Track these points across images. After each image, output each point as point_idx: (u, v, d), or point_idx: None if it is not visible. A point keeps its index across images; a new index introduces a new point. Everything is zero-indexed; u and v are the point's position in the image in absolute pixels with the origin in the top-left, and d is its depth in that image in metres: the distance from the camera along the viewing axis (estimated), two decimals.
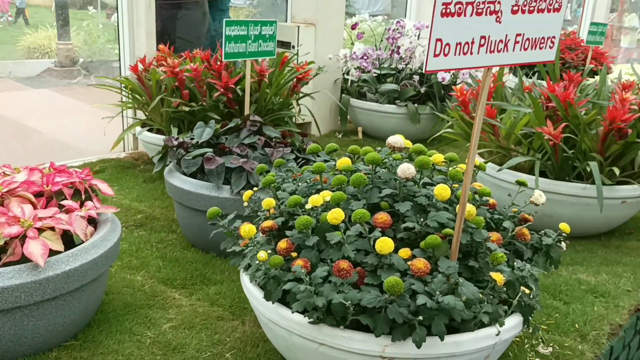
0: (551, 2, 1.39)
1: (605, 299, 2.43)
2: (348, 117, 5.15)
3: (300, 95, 4.00)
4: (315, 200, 1.76)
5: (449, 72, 4.47)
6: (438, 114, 4.20)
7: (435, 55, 1.34)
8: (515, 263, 1.77)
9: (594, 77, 5.40)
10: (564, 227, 1.95)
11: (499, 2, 1.34)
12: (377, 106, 4.71)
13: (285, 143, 2.87)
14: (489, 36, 1.38)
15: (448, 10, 1.31)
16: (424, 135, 4.71)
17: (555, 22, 1.45)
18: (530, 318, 1.75)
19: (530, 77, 5.94)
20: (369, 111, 4.79)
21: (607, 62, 6.31)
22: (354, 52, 4.55)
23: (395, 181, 1.83)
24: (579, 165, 2.86)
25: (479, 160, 2.40)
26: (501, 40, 1.40)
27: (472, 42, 1.36)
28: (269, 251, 1.74)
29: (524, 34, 1.42)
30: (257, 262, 1.70)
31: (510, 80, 5.66)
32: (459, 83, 4.58)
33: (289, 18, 5.03)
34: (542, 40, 1.45)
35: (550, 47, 1.48)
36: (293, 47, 4.64)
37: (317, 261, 1.69)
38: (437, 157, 2.11)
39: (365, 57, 4.52)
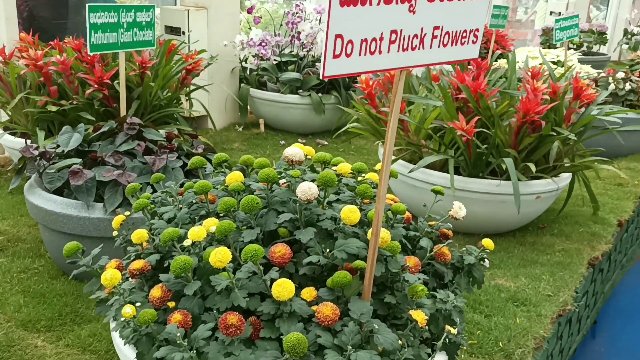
0: None
1: (527, 307, 2.26)
2: (249, 108, 4.79)
3: (193, 87, 3.59)
4: (197, 234, 1.41)
5: None
6: (342, 107, 3.92)
7: (335, 56, 1.03)
8: (437, 293, 1.52)
9: (496, 62, 5.34)
10: (487, 243, 1.72)
11: None
12: (279, 96, 4.38)
13: (170, 147, 2.49)
14: (402, 30, 1.08)
15: None
16: (330, 126, 4.44)
17: (479, 11, 1.18)
18: (456, 356, 1.51)
19: None
20: (270, 102, 4.45)
21: (508, 46, 6.32)
22: (251, 39, 4.18)
23: (295, 203, 1.52)
24: (494, 160, 2.69)
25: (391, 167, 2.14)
26: (416, 35, 1.11)
27: (381, 38, 1.06)
28: (139, 303, 1.38)
29: (442, 27, 1.14)
30: (122, 318, 1.34)
31: None
32: None
33: (179, 0, 4.57)
34: (464, 34, 1.18)
35: (474, 42, 1.21)
36: (183, 33, 4.20)
37: (201, 311, 1.35)
38: (344, 168, 1.82)
39: (263, 44, 4.17)
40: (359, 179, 1.98)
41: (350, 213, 1.44)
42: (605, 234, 2.99)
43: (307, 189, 1.46)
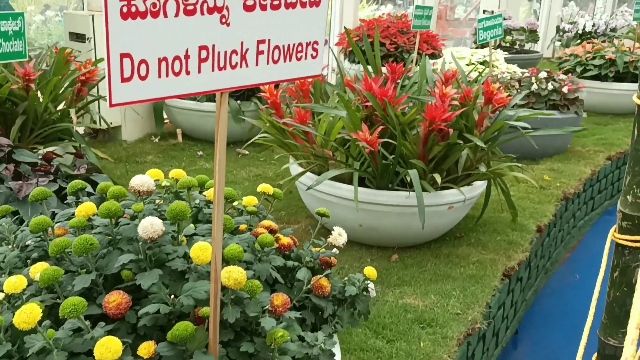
0: None
1: (433, 329, 2.13)
2: (166, 117, 4.55)
3: (92, 98, 3.34)
4: (13, 285, 1.20)
5: None
6: (243, 117, 3.73)
7: (125, 80, 0.85)
8: (306, 335, 1.35)
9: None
10: (369, 272, 1.57)
11: None
12: (195, 104, 4.16)
13: (46, 170, 2.25)
14: (214, 46, 0.91)
15: (133, 9, 0.82)
16: (251, 135, 4.25)
17: (315, 21, 1.02)
18: None
19: None
20: (187, 110, 4.23)
21: (439, 46, 6.26)
22: None
23: (139, 242, 1.33)
24: (402, 171, 2.55)
25: (295, 168, 1.94)
26: (235, 51, 0.94)
27: (187, 57, 0.89)
28: None
29: (269, 40, 0.97)
30: None
31: None
32: None
33: (85, 5, 4.29)
34: (300, 48, 1.02)
35: (313, 57, 1.05)
36: (88, 39, 3.94)
37: None
38: (210, 193, 1.64)
39: None
40: (236, 204, 1.81)
41: (200, 251, 1.26)
42: (523, 241, 2.91)
43: (148, 226, 1.27)
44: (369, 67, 3.25)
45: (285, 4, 0.94)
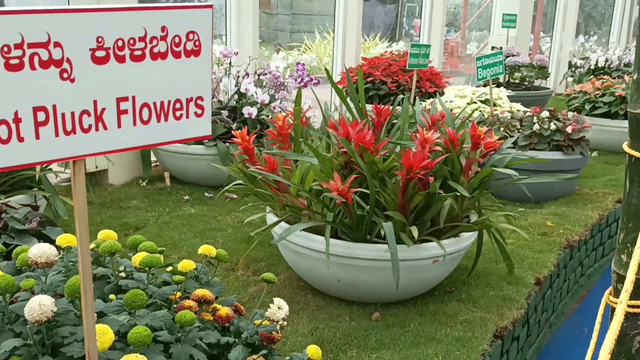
0: (179, 40, 0.80)
1: None
2: (155, 160, 4.43)
3: None
4: None
5: (255, 107, 3.90)
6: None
7: None
8: None
9: (424, 102, 5.09)
10: (312, 352, 1.37)
11: (60, 44, 0.71)
12: (183, 147, 4.03)
13: None
14: (55, 106, 0.74)
15: None
16: (230, 179, 4.10)
17: (197, 72, 0.85)
18: None
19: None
20: (174, 153, 4.10)
21: (442, 84, 6.11)
22: None
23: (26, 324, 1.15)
24: (379, 221, 2.36)
25: (270, 217, 1.74)
26: (86, 112, 0.77)
27: (17, 120, 0.72)
28: None
29: (134, 97, 0.80)
30: None
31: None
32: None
33: None
34: (178, 105, 0.85)
35: (198, 115, 0.88)
36: None
37: None
38: (137, 258, 1.47)
39: None
40: (169, 269, 1.63)
41: (97, 335, 1.08)
42: (519, 297, 2.67)
43: (36, 307, 1.09)
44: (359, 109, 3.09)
45: (151, 54, 0.78)
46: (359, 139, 2.41)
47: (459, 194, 2.35)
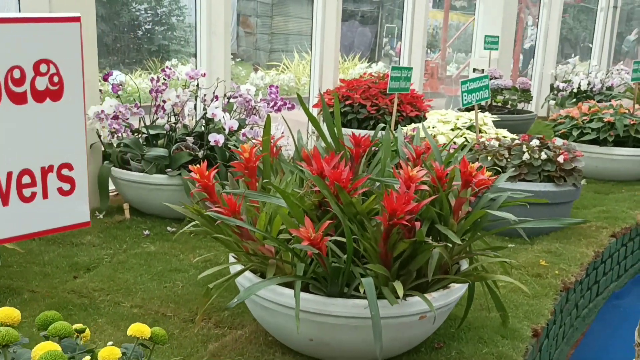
0: (21, 76, 0.48)
1: None
2: (114, 190, 4.07)
3: None
4: None
5: (223, 134, 3.58)
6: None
7: None
8: None
9: (415, 126, 4.81)
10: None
11: None
12: (144, 177, 3.68)
13: None
14: None
15: None
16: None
17: (60, 125, 0.49)
18: None
19: None
20: (135, 183, 3.75)
21: (424, 108, 5.85)
22: (102, 111, 3.50)
23: None
24: (358, 271, 2.04)
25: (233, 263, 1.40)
26: None
27: None
28: None
29: None
30: None
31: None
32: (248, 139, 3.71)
33: None
34: (26, 180, 0.50)
35: (66, 192, 0.51)
36: None
37: None
38: (37, 352, 1.12)
39: (118, 117, 3.49)
40: None
41: None
42: (516, 354, 2.36)
43: None
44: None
45: None
46: (334, 176, 2.10)
47: (449, 241, 2.04)
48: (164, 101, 3.59)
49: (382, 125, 2.93)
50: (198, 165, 2.33)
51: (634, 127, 5.05)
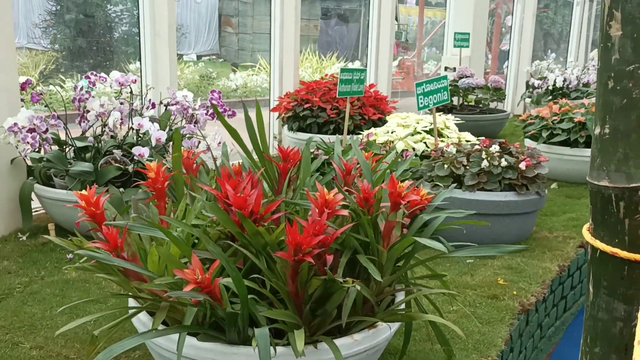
0: None
1: None
2: (39, 209, 3.74)
3: None
4: None
5: (149, 147, 3.26)
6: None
7: None
8: None
9: (361, 134, 4.52)
10: None
11: None
12: (66, 194, 3.35)
13: None
14: None
15: None
16: None
17: None
18: None
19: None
20: (59, 201, 3.42)
21: (388, 110, 5.57)
22: (14, 123, 3.17)
23: None
24: (261, 316, 1.73)
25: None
26: None
27: None
28: None
29: None
30: None
31: None
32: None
33: None
34: None
35: None
36: None
37: None
38: None
39: (33, 130, 3.16)
40: None
41: None
42: None
43: None
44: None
45: None
46: (237, 203, 1.79)
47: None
48: (88, 111, 3.27)
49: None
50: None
51: None
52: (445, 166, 3.51)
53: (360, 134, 4.66)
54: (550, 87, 8.11)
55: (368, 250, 1.94)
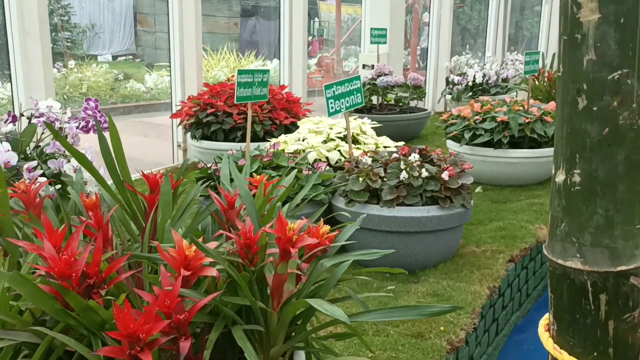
0: None
1: None
2: None
3: None
4: None
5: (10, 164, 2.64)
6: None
7: None
8: None
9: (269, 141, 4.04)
10: None
11: None
12: None
13: None
14: None
15: None
16: None
17: None
18: None
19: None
20: None
21: (301, 112, 5.11)
22: None
23: None
24: None
25: None
26: None
27: None
28: None
29: None
30: None
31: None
32: None
33: None
34: None
35: None
36: None
37: None
38: None
39: None
40: None
41: None
42: None
43: None
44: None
45: None
46: (60, 268, 1.27)
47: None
48: None
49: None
50: None
51: (529, 126, 4.53)
52: (361, 179, 3.08)
53: (270, 141, 4.18)
54: (470, 83, 7.93)
55: (251, 315, 1.46)
